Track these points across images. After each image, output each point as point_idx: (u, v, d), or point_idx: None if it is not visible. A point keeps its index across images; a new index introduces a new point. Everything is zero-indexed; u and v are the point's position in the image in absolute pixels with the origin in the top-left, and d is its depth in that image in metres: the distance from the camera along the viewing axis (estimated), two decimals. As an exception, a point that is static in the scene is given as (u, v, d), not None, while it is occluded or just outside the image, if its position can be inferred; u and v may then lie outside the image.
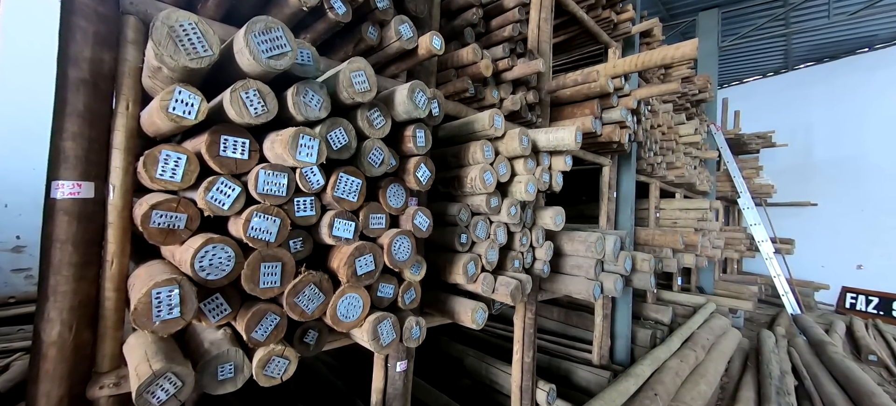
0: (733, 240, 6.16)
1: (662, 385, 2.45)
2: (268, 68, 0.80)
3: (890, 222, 6.69)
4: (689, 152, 4.45)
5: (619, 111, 2.25)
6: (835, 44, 7.30)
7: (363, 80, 0.99)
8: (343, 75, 0.96)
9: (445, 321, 1.56)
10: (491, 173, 1.47)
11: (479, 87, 1.72)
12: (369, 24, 1.23)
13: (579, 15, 2.56)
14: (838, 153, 7.34)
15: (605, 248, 2.10)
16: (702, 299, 4.54)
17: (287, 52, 0.82)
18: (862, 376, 2.81)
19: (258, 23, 0.79)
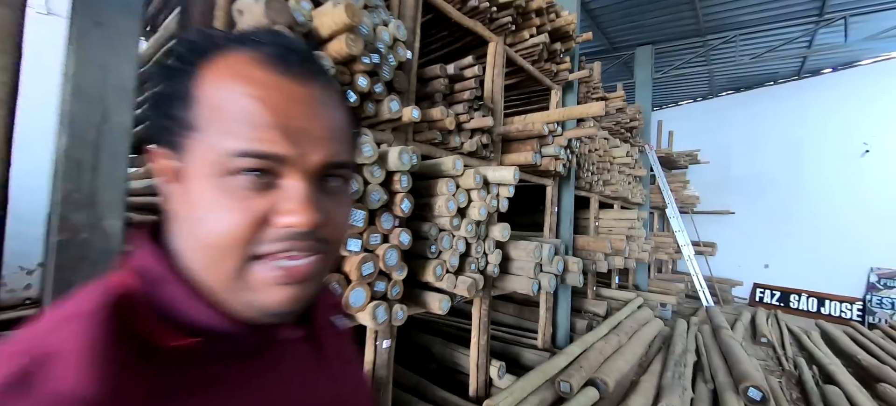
0: (664, 243, 7.15)
1: (588, 361, 3.12)
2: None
3: (788, 229, 8.00)
4: (623, 171, 5.29)
5: (554, 148, 2.92)
6: (747, 77, 8.62)
7: (369, 149, 1.53)
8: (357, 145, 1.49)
9: (421, 310, 2.11)
10: (453, 202, 2.05)
11: (446, 134, 2.30)
12: (369, 102, 1.76)
13: (526, 67, 3.21)
14: (751, 169, 8.63)
15: (542, 254, 2.74)
16: (633, 295, 5.37)
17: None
18: (737, 349, 3.65)
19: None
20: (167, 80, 0.36)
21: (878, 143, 7.21)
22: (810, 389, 3.41)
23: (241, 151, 0.33)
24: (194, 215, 0.34)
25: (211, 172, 0.33)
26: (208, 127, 0.34)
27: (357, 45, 1.45)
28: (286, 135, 0.34)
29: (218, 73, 0.35)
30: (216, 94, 0.34)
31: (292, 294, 0.36)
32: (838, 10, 6.19)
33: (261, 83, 0.34)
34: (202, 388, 0.34)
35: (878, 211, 7.06)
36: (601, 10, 6.70)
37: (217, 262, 0.34)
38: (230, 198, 0.33)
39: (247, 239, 0.34)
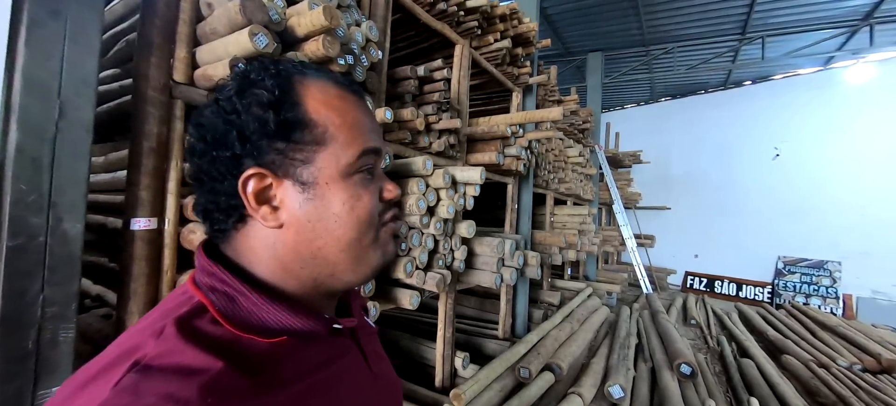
0: (611, 237, 7.73)
1: (545, 347, 3.35)
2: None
3: (715, 223, 8.97)
4: (576, 170, 5.64)
5: (516, 148, 3.08)
6: (683, 85, 9.48)
7: (345, 150, 1.55)
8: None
9: (391, 306, 2.16)
10: (423, 201, 2.11)
11: (416, 134, 2.35)
12: (342, 102, 1.77)
13: (490, 70, 3.34)
14: (685, 169, 9.53)
15: (505, 249, 2.89)
16: (583, 285, 5.78)
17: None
18: (671, 330, 4.10)
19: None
20: (275, 110, 0.40)
21: (787, 148, 8.30)
22: (730, 363, 3.92)
23: (364, 150, 0.44)
24: (339, 210, 0.43)
25: (344, 173, 0.43)
26: (333, 141, 0.43)
27: (334, 47, 1.46)
28: (377, 134, 0.48)
29: (321, 100, 0.43)
30: (330, 115, 0.43)
31: (396, 244, 0.52)
32: (757, 30, 7.02)
33: (353, 101, 0.46)
34: (292, 379, 0.39)
35: (785, 207, 8.15)
36: (558, 15, 7.03)
37: (365, 233, 0.45)
38: (363, 187, 0.45)
39: (378, 211, 0.47)
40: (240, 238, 0.44)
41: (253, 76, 0.42)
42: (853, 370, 3.72)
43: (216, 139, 0.41)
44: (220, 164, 0.41)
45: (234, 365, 0.35)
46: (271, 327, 0.41)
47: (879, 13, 6.21)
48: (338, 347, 0.47)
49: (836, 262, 7.53)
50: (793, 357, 4.02)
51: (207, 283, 0.41)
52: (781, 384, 3.27)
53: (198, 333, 0.36)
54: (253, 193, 0.41)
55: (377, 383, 0.52)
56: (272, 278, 0.43)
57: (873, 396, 3.10)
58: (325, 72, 0.47)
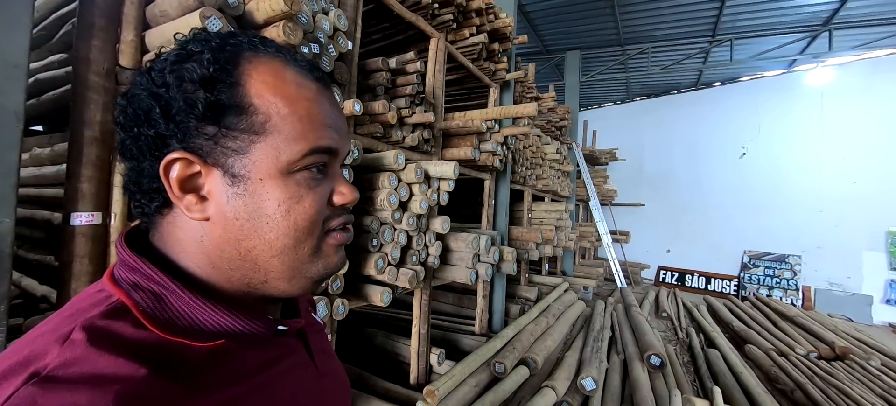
0: (587, 233, 7.88)
1: (520, 342, 3.38)
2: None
3: (686, 219, 9.29)
4: (553, 166, 5.71)
5: (492, 144, 3.07)
6: (657, 85, 9.75)
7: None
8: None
9: (363, 303, 2.12)
10: (395, 196, 2.08)
11: (388, 128, 2.31)
12: (308, 92, 1.71)
13: (466, 64, 3.31)
14: (658, 167, 9.81)
15: (480, 245, 2.88)
16: (560, 280, 5.87)
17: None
18: (643, 323, 4.21)
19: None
20: (206, 89, 0.36)
21: (753, 147, 8.66)
22: (697, 353, 4.06)
23: (313, 149, 0.39)
24: (272, 211, 0.38)
25: (285, 171, 0.38)
26: (275, 132, 0.38)
27: (296, 34, 1.40)
28: (336, 131, 0.42)
29: (270, 81, 0.38)
30: (277, 102, 0.38)
31: (343, 255, 0.45)
32: (726, 34, 7.27)
33: (311, 89, 0.41)
34: (229, 385, 0.36)
35: (750, 203, 8.52)
36: (536, 13, 7.08)
37: (302, 241, 0.40)
38: (307, 189, 0.39)
39: (323, 218, 0.41)
40: (166, 226, 0.40)
41: (192, 48, 0.38)
42: (810, 358, 3.92)
43: (139, 114, 0.37)
44: (143, 141, 0.37)
45: (161, 372, 0.31)
46: (207, 329, 0.37)
47: (837, 19, 6.54)
48: (282, 348, 0.44)
49: (796, 255, 7.93)
50: (755, 347, 4.20)
51: (130, 279, 0.36)
52: (744, 373, 3.41)
53: (115, 338, 0.31)
54: (177, 180, 0.37)
55: (323, 382, 0.49)
56: (203, 275, 0.39)
57: (827, 382, 3.27)
58: (288, 53, 0.41)
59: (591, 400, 2.86)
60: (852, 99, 7.60)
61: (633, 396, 2.94)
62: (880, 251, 7.19)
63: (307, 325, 0.51)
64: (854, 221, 7.40)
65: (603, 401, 2.92)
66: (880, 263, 7.16)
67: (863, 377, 3.49)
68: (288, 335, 0.46)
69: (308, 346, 0.49)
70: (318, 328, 0.56)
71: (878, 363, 3.84)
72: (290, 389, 0.43)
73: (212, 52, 0.37)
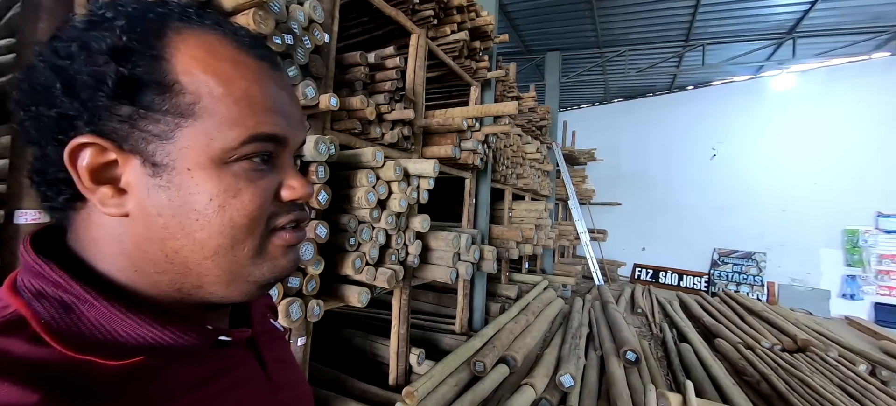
0: (566, 231, 8.01)
1: (500, 340, 3.39)
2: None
3: (660, 217, 9.59)
4: (533, 165, 5.76)
5: (472, 142, 3.06)
6: (633, 88, 10.01)
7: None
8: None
9: (339, 304, 2.06)
10: (373, 194, 2.03)
11: (366, 124, 2.25)
12: (281, 85, 1.64)
13: (447, 62, 3.29)
14: (634, 167, 10.09)
15: (461, 244, 2.87)
16: (539, 278, 5.94)
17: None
18: (619, 320, 4.31)
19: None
20: (118, 61, 0.30)
21: (723, 149, 9.02)
22: (670, 348, 4.19)
23: (254, 136, 0.34)
24: (203, 206, 0.33)
25: (219, 160, 0.33)
26: (207, 115, 0.33)
27: (267, 23, 1.34)
28: (284, 117, 0.37)
29: (202, 57, 0.33)
30: (209, 81, 0.33)
31: (294, 257, 0.40)
32: (699, 39, 7.53)
33: (253, 68, 0.35)
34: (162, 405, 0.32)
35: (720, 203, 8.87)
36: (517, 13, 7.12)
37: (240, 241, 0.35)
38: (246, 182, 0.35)
39: (266, 215, 0.36)
40: (80, 223, 0.35)
41: (105, 13, 0.32)
42: (774, 350, 4.11)
43: (37, 90, 0.31)
44: (44, 124, 0.32)
45: (60, 397, 0.26)
46: (128, 343, 0.32)
47: (801, 28, 6.88)
48: (224, 361, 0.40)
49: (762, 253, 8.31)
50: (725, 340, 4.37)
51: (33, 286, 0.31)
52: (714, 366, 3.54)
53: (2, 356, 0.27)
54: (87, 168, 0.31)
55: (278, 395, 0.45)
56: (124, 279, 0.34)
57: (790, 373, 3.43)
58: (228, 25, 0.36)
59: (569, 396, 2.90)
60: (812, 104, 8.03)
61: (610, 392, 3.00)
62: (837, 248, 7.63)
63: (262, 332, 0.46)
64: (814, 220, 7.83)
65: (581, 397, 2.96)
66: (837, 260, 7.60)
67: (822, 368, 3.69)
68: (235, 346, 0.42)
69: (260, 356, 0.44)
70: (277, 336, 0.52)
71: (836, 354, 4.06)
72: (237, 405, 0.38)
73: (128, 20, 0.31)
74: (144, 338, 0.32)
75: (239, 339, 0.42)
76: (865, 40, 6.98)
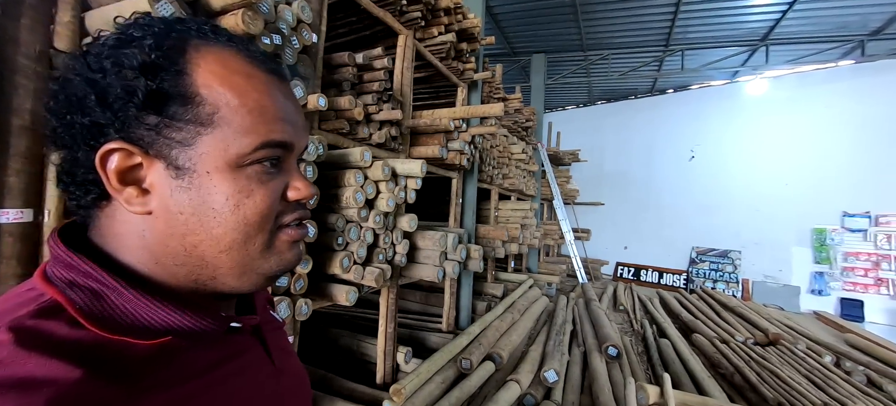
0: (551, 231, 8.15)
1: (486, 338, 3.44)
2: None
3: (641, 217, 9.85)
4: (519, 166, 5.85)
5: (459, 143, 3.10)
6: (616, 90, 10.24)
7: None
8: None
9: (327, 303, 2.07)
10: (361, 193, 2.04)
11: (354, 125, 2.27)
12: (269, 85, 1.65)
13: (435, 63, 3.32)
14: (617, 168, 10.33)
15: (447, 243, 2.90)
16: (525, 276, 6.03)
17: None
18: (602, 317, 4.43)
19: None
20: (147, 76, 0.34)
21: (701, 151, 9.33)
22: (650, 343, 4.33)
23: (265, 143, 0.38)
24: (220, 205, 0.37)
25: (234, 164, 0.37)
26: (225, 124, 0.36)
27: (256, 23, 1.34)
28: (291, 125, 0.41)
29: (219, 71, 0.36)
30: (226, 93, 0.36)
31: (298, 251, 0.44)
32: (678, 44, 7.77)
33: (263, 81, 0.39)
34: (176, 385, 0.34)
35: (698, 203, 9.18)
36: (504, 15, 7.21)
37: (252, 237, 0.39)
38: (258, 183, 0.38)
39: (275, 213, 0.40)
40: (104, 220, 0.38)
41: (133, 32, 0.35)
42: (747, 344, 4.29)
43: (72, 100, 0.34)
44: (77, 130, 0.35)
45: (100, 372, 0.29)
46: (152, 327, 0.35)
47: (773, 35, 7.18)
48: (235, 346, 0.43)
49: (737, 251, 8.63)
50: (701, 335, 4.53)
51: (66, 277, 0.34)
52: (691, 360, 3.68)
53: (46, 338, 0.29)
54: (116, 171, 0.35)
55: (282, 379, 0.48)
56: (146, 271, 0.37)
57: (762, 365, 3.59)
58: (240, 42, 0.40)
59: (553, 391, 2.97)
60: (784, 108, 8.39)
61: (592, 386, 3.09)
62: (806, 246, 7.99)
63: (265, 322, 0.49)
64: (785, 219, 8.18)
65: (564, 391, 3.04)
66: (807, 257, 7.97)
67: (791, 360, 3.88)
68: (243, 333, 0.45)
69: (265, 343, 0.48)
70: (277, 326, 0.55)
71: (804, 347, 4.27)
72: (245, 388, 0.41)
73: (154, 38, 0.35)
74: (167, 322, 0.36)
75: (247, 327, 0.45)
76: (833, 48, 7.34)
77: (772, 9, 6.40)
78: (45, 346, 0.29)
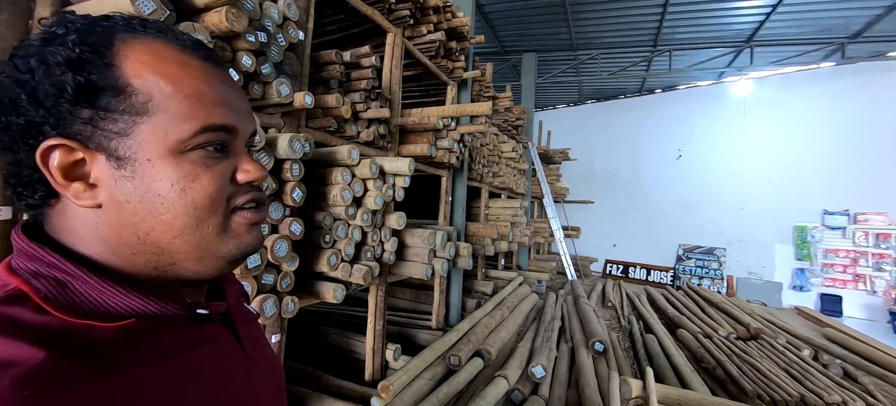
0: (541, 229, 8.22)
1: (475, 335, 3.47)
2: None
3: (630, 215, 10.00)
4: (510, 164, 5.89)
5: (448, 141, 3.12)
6: (605, 90, 10.36)
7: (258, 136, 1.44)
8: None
9: (315, 301, 2.07)
10: (348, 191, 2.05)
11: (342, 122, 2.27)
12: (255, 83, 1.65)
13: (424, 61, 3.33)
14: (606, 166, 10.46)
15: (436, 241, 2.92)
16: (515, 274, 6.08)
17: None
18: (590, 313, 4.50)
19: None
20: (75, 71, 0.34)
21: (688, 150, 9.49)
22: (637, 339, 4.41)
23: (206, 127, 0.38)
24: (166, 191, 0.37)
25: (176, 150, 0.37)
26: (162, 110, 0.37)
27: (240, 20, 1.34)
28: (232, 109, 0.41)
29: (149, 61, 0.37)
30: (158, 81, 0.37)
31: (258, 234, 0.45)
32: (666, 45, 7.89)
33: (198, 67, 0.40)
34: (142, 366, 0.35)
35: (685, 201, 9.35)
36: (495, 14, 7.23)
37: (204, 219, 0.39)
38: (203, 167, 0.39)
39: (226, 196, 0.41)
40: (56, 217, 0.39)
41: (57, 30, 0.36)
42: (730, 338, 4.40)
43: (5, 102, 0.35)
44: (14, 131, 0.36)
45: (64, 353, 0.31)
46: (117, 312, 0.36)
47: (758, 37, 7.34)
48: (205, 333, 0.44)
49: (722, 248, 8.82)
50: (686, 331, 4.63)
51: (30, 268, 0.35)
52: (676, 354, 3.76)
53: (11, 323, 0.31)
54: (59, 168, 0.36)
55: (253, 367, 0.49)
56: (104, 261, 0.38)
57: (742, 359, 3.69)
58: (171, 32, 0.41)
59: (540, 386, 3.02)
60: (768, 109, 8.58)
61: (578, 380, 3.14)
62: (789, 243, 8.20)
63: (237, 313, 0.51)
64: (768, 217, 8.38)
65: (551, 386, 3.09)
66: (789, 254, 8.18)
67: (771, 354, 3.99)
68: (213, 321, 0.46)
69: (237, 332, 0.49)
70: (250, 317, 0.56)
71: (784, 341, 4.39)
72: (214, 373, 0.43)
73: (78, 34, 0.36)
74: (131, 307, 0.37)
75: (215, 313, 0.46)
76: (815, 50, 7.52)
77: (756, 11, 6.54)
78: (10, 329, 0.30)
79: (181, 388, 0.38)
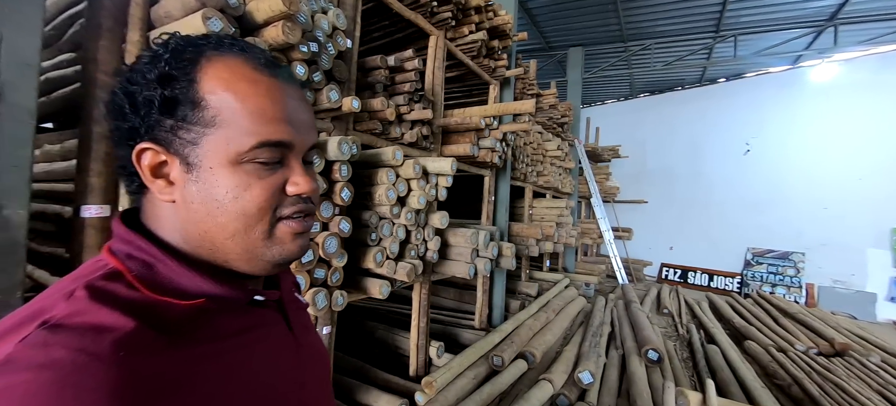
0: (589, 230, 7.89)
1: (519, 336, 3.42)
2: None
3: (688, 216, 9.25)
4: (554, 163, 5.72)
5: (490, 140, 3.11)
6: (660, 82, 9.69)
7: (308, 138, 1.54)
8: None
9: (362, 296, 2.17)
10: (393, 191, 2.12)
11: (387, 125, 2.35)
12: (307, 90, 1.76)
13: (466, 62, 3.35)
14: (661, 163, 9.78)
15: (479, 240, 2.92)
16: (561, 276, 5.89)
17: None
18: (643, 319, 4.24)
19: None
20: (163, 86, 0.41)
21: (757, 144, 8.60)
22: (697, 349, 4.08)
23: (261, 143, 0.42)
24: (221, 197, 0.42)
25: (233, 160, 0.42)
26: (227, 124, 0.41)
27: (294, 33, 1.45)
28: (291, 125, 0.45)
29: (224, 78, 0.42)
30: (227, 97, 0.42)
31: (302, 243, 0.48)
32: (730, 29, 7.22)
33: (266, 85, 0.44)
34: (209, 341, 0.41)
35: (753, 200, 8.47)
36: (538, 10, 7.07)
37: (252, 226, 0.44)
38: (256, 178, 0.43)
39: (274, 205, 0.44)
40: (148, 205, 0.46)
41: (159, 51, 0.43)
42: (809, 354, 3.92)
43: (115, 109, 0.43)
44: (121, 133, 0.43)
45: (148, 324, 0.36)
46: (190, 292, 0.42)
47: (843, 14, 6.47)
48: (260, 317, 0.49)
49: (800, 253, 7.88)
50: (755, 343, 4.21)
51: (124, 250, 0.42)
52: (742, 368, 3.43)
53: (110, 295, 0.37)
54: (148, 167, 0.42)
55: (302, 352, 0.54)
56: (179, 247, 0.45)
57: (824, 377, 3.28)
58: (250, 50, 0.45)
59: (588, 393, 2.90)
60: (858, 95, 7.52)
61: (630, 390, 2.98)
62: (885, 249, 7.13)
63: (289, 301, 0.56)
64: (858, 218, 7.34)
65: (600, 394, 2.96)
66: (885, 261, 7.11)
67: (861, 373, 3.50)
68: (268, 307, 0.51)
69: (288, 318, 0.54)
70: (301, 306, 0.61)
71: (878, 359, 3.84)
72: (268, 353, 0.48)
73: (171, 53, 0.42)
74: (201, 288, 0.43)
75: (270, 300, 0.52)
76: (918, 25, 6.48)
77: (841, -15, 5.78)
78: (110, 301, 0.36)
79: (239, 365, 0.43)
